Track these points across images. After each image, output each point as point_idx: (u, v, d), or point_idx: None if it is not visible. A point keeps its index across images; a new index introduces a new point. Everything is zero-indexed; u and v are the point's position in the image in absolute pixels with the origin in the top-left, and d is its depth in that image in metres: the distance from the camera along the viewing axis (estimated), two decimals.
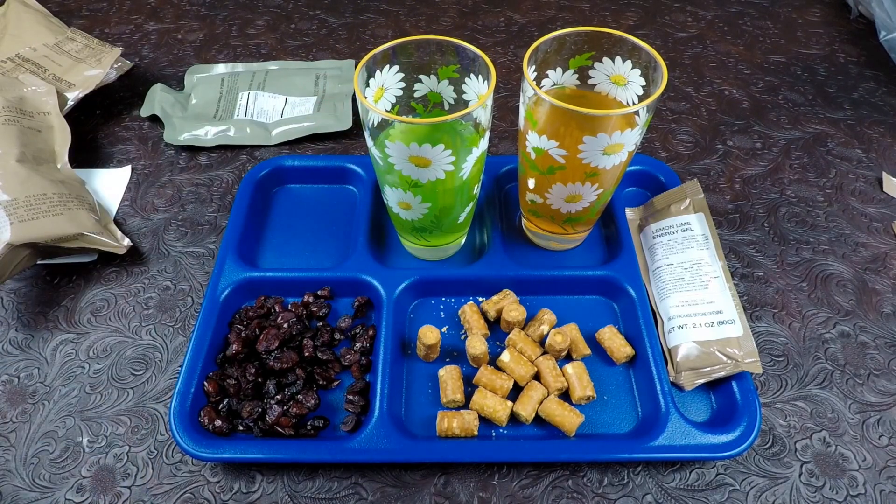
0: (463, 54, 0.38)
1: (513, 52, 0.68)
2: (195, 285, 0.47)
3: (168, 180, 0.55)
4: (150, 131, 0.59)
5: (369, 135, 0.37)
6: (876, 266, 0.49)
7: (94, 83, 0.57)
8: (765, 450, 0.39)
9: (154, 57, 0.68)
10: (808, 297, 0.47)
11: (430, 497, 0.37)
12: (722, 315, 0.42)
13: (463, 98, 0.40)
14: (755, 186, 0.55)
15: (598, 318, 0.44)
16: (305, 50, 0.69)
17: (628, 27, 0.72)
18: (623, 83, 0.40)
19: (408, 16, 0.74)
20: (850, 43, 0.70)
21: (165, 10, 0.74)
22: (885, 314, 0.45)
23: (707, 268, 0.44)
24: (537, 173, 0.41)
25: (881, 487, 0.37)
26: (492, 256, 0.46)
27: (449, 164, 0.36)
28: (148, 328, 0.45)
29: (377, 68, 0.38)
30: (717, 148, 0.58)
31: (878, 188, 0.55)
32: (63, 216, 0.46)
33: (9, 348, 0.43)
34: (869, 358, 0.43)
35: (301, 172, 0.53)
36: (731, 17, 0.74)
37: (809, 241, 0.50)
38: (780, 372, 0.42)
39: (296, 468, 0.38)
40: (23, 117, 0.51)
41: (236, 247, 0.46)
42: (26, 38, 0.60)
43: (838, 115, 0.61)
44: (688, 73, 0.66)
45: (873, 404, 0.41)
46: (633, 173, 0.52)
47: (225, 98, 0.61)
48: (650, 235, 0.48)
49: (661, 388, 0.39)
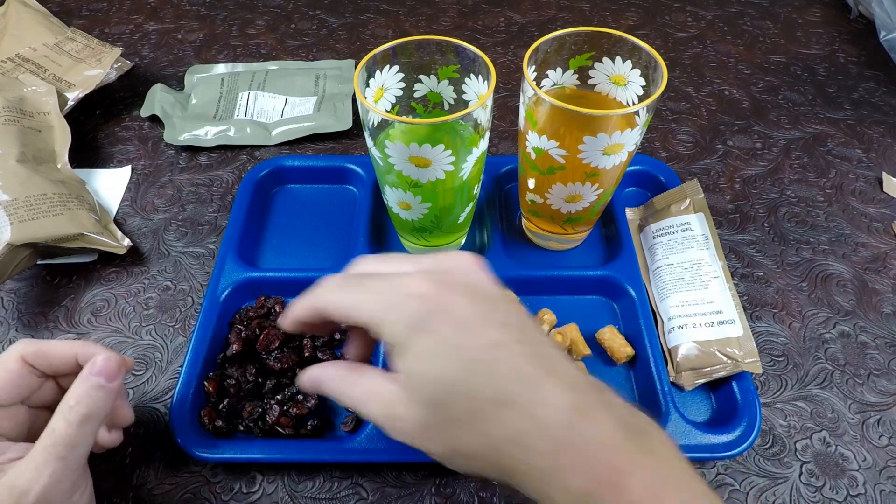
0: (463, 54, 0.38)
1: (513, 52, 0.68)
2: (195, 285, 0.47)
3: (168, 180, 0.55)
4: (150, 131, 0.59)
5: (369, 135, 0.37)
6: (876, 266, 0.49)
7: (94, 83, 0.57)
8: (765, 450, 0.39)
9: (154, 57, 0.68)
10: (808, 297, 0.47)
11: (430, 497, 0.37)
12: (722, 315, 0.42)
13: (463, 98, 0.40)
14: (755, 186, 0.55)
15: (598, 318, 0.44)
16: (305, 50, 0.69)
17: (628, 27, 0.72)
18: (623, 83, 0.40)
19: (408, 16, 0.74)
20: (850, 43, 0.70)
21: (165, 10, 0.74)
22: (885, 314, 0.45)
23: (707, 268, 0.44)
24: (537, 173, 0.41)
25: (881, 487, 0.37)
26: (492, 256, 0.46)
27: (449, 165, 0.36)
28: (148, 328, 0.45)
29: (377, 68, 0.38)
30: (717, 148, 0.58)
31: (878, 188, 0.55)
32: (63, 216, 0.46)
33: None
34: (869, 358, 0.43)
35: (301, 172, 0.53)
36: (731, 17, 0.74)
37: (809, 241, 0.50)
38: (780, 372, 0.42)
39: (296, 468, 0.38)
40: (23, 117, 0.51)
41: (236, 247, 0.46)
42: (26, 38, 0.60)
43: (838, 115, 0.61)
44: (688, 73, 0.66)
45: (873, 404, 0.41)
46: (633, 173, 0.52)
47: (225, 98, 0.61)
48: (650, 235, 0.48)
49: (661, 388, 0.39)
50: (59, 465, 0.29)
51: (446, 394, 0.25)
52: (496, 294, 0.27)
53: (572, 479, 0.23)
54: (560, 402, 0.24)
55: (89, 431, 0.30)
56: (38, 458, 0.28)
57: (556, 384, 0.24)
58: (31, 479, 0.28)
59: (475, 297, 0.26)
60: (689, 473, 0.24)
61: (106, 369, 0.31)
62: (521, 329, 0.26)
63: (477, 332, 0.25)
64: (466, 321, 0.25)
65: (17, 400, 0.32)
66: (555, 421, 0.24)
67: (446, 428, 0.25)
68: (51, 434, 0.29)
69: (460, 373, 0.25)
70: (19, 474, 0.28)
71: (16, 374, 0.32)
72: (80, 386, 0.31)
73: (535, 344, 0.26)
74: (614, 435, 0.24)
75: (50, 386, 0.34)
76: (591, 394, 0.25)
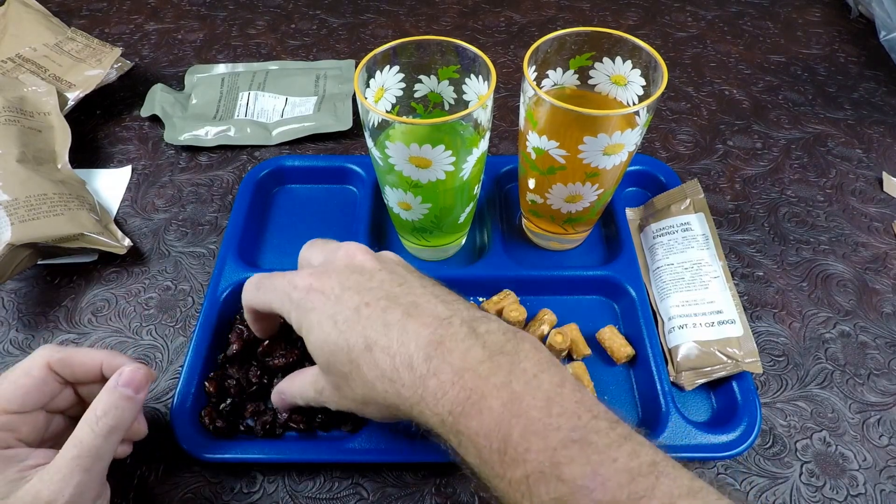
0: (463, 54, 0.38)
1: (513, 53, 0.68)
2: (196, 285, 0.47)
3: (168, 180, 0.55)
4: (150, 131, 0.59)
5: (369, 135, 0.37)
6: (876, 266, 0.49)
7: (94, 83, 0.58)
8: (765, 450, 0.39)
9: (154, 57, 0.68)
10: (809, 297, 0.47)
11: (431, 497, 0.37)
12: (722, 315, 0.42)
13: (463, 98, 0.40)
14: (755, 186, 0.55)
15: (599, 318, 0.45)
16: (305, 50, 0.69)
17: (628, 27, 0.72)
18: (623, 83, 0.40)
19: (408, 16, 0.74)
20: (850, 43, 0.70)
21: (165, 10, 0.74)
22: (885, 314, 0.46)
23: (707, 268, 0.44)
24: (537, 173, 0.41)
25: (881, 487, 0.37)
26: (492, 256, 0.46)
27: (449, 165, 0.36)
28: (148, 328, 0.45)
29: (377, 69, 0.38)
30: (718, 148, 0.58)
31: (878, 188, 0.55)
32: (63, 216, 0.46)
33: (9, 348, 0.44)
34: (869, 358, 0.43)
35: (301, 172, 0.53)
36: (731, 17, 0.74)
37: (810, 241, 0.50)
38: (781, 372, 0.42)
39: (296, 468, 0.38)
40: (23, 117, 0.51)
41: (237, 247, 0.46)
42: (26, 38, 0.60)
43: (838, 115, 0.61)
44: (688, 73, 0.66)
45: (873, 404, 0.41)
46: (633, 173, 0.52)
47: (225, 98, 0.61)
48: (650, 235, 0.48)
49: (662, 388, 0.39)
50: (84, 476, 0.29)
51: (332, 354, 0.29)
52: (371, 267, 0.32)
53: (435, 404, 0.27)
54: (420, 338, 0.28)
55: (114, 442, 0.30)
56: (63, 469, 0.28)
57: (417, 324, 0.28)
58: (56, 490, 0.28)
59: (349, 275, 0.31)
60: (554, 391, 0.26)
61: (134, 380, 0.31)
62: (388, 290, 0.30)
63: (344, 300, 0.29)
64: (336, 294, 0.30)
65: (39, 406, 0.32)
66: (414, 355, 0.27)
67: (343, 384, 0.30)
68: (77, 445, 0.29)
69: (337, 335, 0.29)
70: (44, 484, 0.28)
71: (40, 381, 0.32)
72: (109, 397, 0.31)
73: (404, 296, 0.30)
74: (474, 360, 0.27)
75: (68, 391, 0.34)
76: (456, 327, 0.28)
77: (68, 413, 0.34)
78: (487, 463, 0.26)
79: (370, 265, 0.32)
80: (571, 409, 0.25)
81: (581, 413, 0.25)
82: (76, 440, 0.29)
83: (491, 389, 0.26)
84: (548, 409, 0.25)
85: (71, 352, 0.33)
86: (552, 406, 0.25)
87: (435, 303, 0.30)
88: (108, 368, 0.33)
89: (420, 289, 0.30)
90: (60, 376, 0.33)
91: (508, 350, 0.27)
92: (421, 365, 0.27)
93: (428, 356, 0.27)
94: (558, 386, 0.26)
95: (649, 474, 0.24)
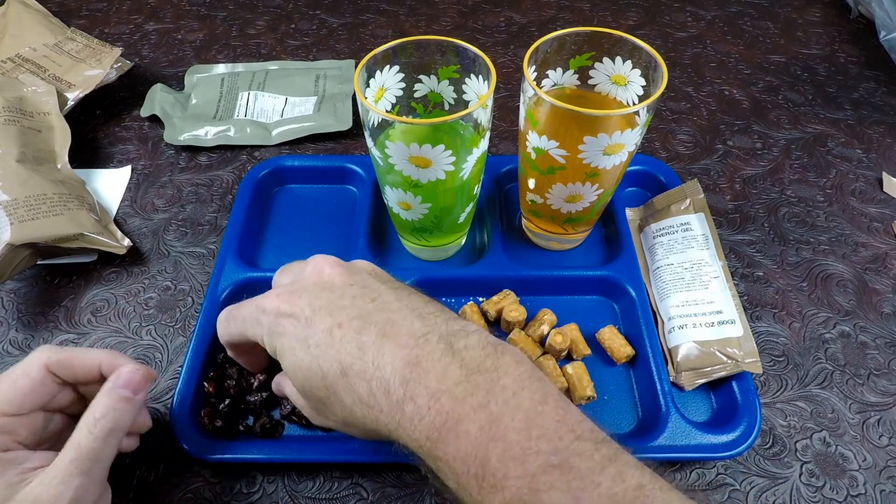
0: (463, 54, 0.38)
1: (513, 52, 0.68)
2: (195, 285, 0.47)
3: (168, 180, 0.55)
4: (150, 131, 0.59)
5: (369, 135, 0.37)
6: (876, 266, 0.49)
7: (94, 83, 0.57)
8: (765, 450, 0.39)
9: (154, 57, 0.68)
10: (809, 297, 0.47)
11: (431, 497, 0.37)
12: (722, 315, 0.42)
13: (463, 98, 0.40)
14: (755, 186, 0.55)
15: (599, 318, 0.44)
16: (305, 50, 0.69)
17: (628, 27, 0.72)
18: (623, 83, 0.40)
19: (408, 16, 0.74)
20: (850, 43, 0.70)
21: (165, 10, 0.74)
22: (885, 314, 0.45)
23: (707, 268, 0.44)
24: (537, 173, 0.41)
25: (881, 487, 0.37)
26: (492, 256, 0.46)
27: (449, 165, 0.36)
28: (148, 328, 0.45)
29: (377, 68, 0.38)
30: (717, 148, 0.58)
31: (878, 188, 0.55)
32: (63, 216, 0.46)
33: (9, 348, 0.43)
34: (869, 358, 0.43)
35: (301, 172, 0.53)
36: (731, 17, 0.74)
37: (809, 241, 0.50)
38: (781, 372, 0.42)
39: (296, 468, 0.38)
40: (23, 117, 0.51)
41: (236, 247, 0.46)
42: (26, 38, 0.60)
43: (838, 115, 0.61)
44: (688, 73, 0.66)
45: (873, 404, 0.41)
46: (633, 173, 0.52)
47: (225, 98, 0.61)
48: (650, 235, 0.48)
49: (662, 388, 0.39)
50: (84, 479, 0.29)
51: (307, 379, 0.29)
52: (341, 283, 0.30)
53: (412, 429, 0.26)
54: (396, 359, 0.27)
55: (113, 444, 0.30)
56: (62, 472, 0.28)
57: (393, 344, 0.27)
58: (55, 493, 0.28)
59: (319, 293, 0.30)
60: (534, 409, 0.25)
61: (132, 381, 0.31)
62: (360, 307, 0.29)
63: (316, 323, 0.28)
64: (307, 316, 0.29)
65: (37, 407, 0.32)
66: (391, 379, 0.26)
67: (322, 407, 0.30)
68: (76, 448, 0.29)
69: (311, 360, 0.28)
70: (44, 488, 0.28)
71: (38, 382, 0.31)
72: (106, 398, 0.30)
73: (378, 313, 0.28)
74: (450, 381, 0.26)
75: (67, 390, 0.34)
76: (433, 344, 0.27)
77: (67, 411, 0.34)
78: (466, 489, 0.25)
79: (340, 280, 0.30)
80: (552, 429, 0.24)
81: (563, 434, 0.24)
82: (74, 443, 0.29)
83: (468, 412, 0.25)
84: (527, 432, 0.24)
85: (69, 352, 0.33)
86: (532, 428, 0.24)
87: (411, 319, 0.28)
88: (108, 369, 0.32)
89: (395, 303, 0.29)
90: (59, 377, 0.33)
91: (487, 367, 0.26)
92: (397, 389, 0.26)
93: (405, 379, 0.26)
94: (539, 403, 0.25)
95: (635, 499, 0.23)
